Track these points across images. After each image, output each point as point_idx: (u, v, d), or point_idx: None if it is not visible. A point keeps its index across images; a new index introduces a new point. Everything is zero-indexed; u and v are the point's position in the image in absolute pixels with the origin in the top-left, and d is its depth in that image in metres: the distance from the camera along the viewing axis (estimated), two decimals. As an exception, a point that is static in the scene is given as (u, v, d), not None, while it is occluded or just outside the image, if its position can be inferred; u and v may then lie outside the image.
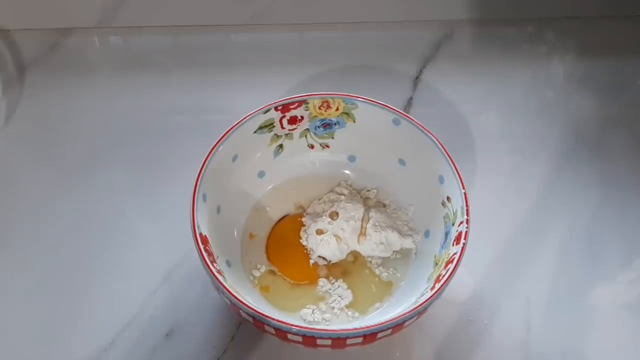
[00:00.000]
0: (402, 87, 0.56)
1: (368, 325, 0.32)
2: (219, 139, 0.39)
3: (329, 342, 0.33)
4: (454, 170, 0.38)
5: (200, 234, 0.36)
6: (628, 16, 0.60)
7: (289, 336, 0.33)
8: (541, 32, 0.60)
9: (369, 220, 0.42)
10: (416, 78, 0.56)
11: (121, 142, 0.52)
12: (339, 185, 0.45)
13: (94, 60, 0.59)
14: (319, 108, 0.42)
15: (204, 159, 0.38)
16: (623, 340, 0.42)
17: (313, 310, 0.39)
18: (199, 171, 0.38)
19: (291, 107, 0.42)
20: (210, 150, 0.39)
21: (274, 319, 0.32)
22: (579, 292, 0.43)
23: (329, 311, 0.40)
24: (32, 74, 0.57)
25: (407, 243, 0.42)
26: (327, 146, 0.45)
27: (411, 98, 0.55)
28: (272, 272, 0.42)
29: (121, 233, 0.46)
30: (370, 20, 0.61)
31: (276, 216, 0.44)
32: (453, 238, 0.37)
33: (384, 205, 0.44)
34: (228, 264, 0.40)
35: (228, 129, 0.40)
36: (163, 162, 0.50)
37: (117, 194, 0.49)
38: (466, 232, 0.35)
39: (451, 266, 0.34)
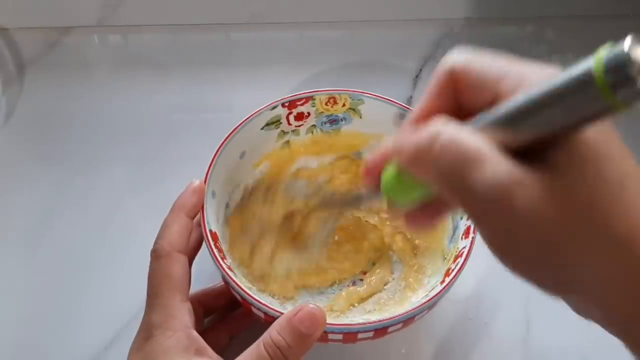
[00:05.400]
0: (402, 86, 0.56)
1: (379, 319, 0.32)
2: (227, 135, 0.39)
3: (340, 336, 0.33)
4: None
5: (211, 231, 0.36)
6: (628, 15, 0.60)
7: None
8: (541, 31, 0.60)
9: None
10: (416, 77, 0.56)
11: (121, 141, 0.52)
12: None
13: (94, 59, 0.59)
14: (326, 104, 0.42)
15: (213, 155, 0.38)
16: (623, 338, 0.42)
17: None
18: (207, 168, 0.38)
19: (298, 103, 0.42)
20: (218, 147, 0.39)
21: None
22: (578, 291, 0.44)
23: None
24: (32, 73, 0.57)
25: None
26: None
27: (411, 97, 0.55)
28: None
29: (121, 231, 0.46)
30: (370, 19, 0.61)
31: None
32: (462, 232, 0.37)
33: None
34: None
35: (236, 125, 0.40)
36: (163, 160, 0.50)
37: (117, 192, 0.49)
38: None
39: (460, 260, 0.34)
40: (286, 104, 0.41)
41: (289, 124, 0.43)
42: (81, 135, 0.52)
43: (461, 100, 0.24)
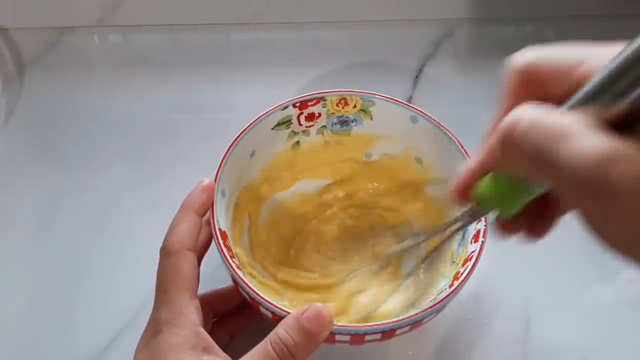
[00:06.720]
0: (402, 86, 0.56)
1: (387, 322, 0.32)
2: (238, 134, 0.39)
3: (347, 338, 0.33)
4: None
5: (220, 230, 0.36)
6: (628, 15, 0.60)
7: None
8: (541, 31, 0.60)
9: None
10: (416, 77, 0.56)
11: (121, 140, 0.52)
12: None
13: (94, 59, 0.59)
14: (337, 105, 0.42)
15: (223, 154, 0.38)
16: (622, 338, 0.42)
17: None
18: (218, 167, 0.38)
19: (309, 103, 0.42)
20: (229, 145, 0.39)
21: None
22: (578, 291, 0.44)
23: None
24: (32, 73, 0.56)
25: None
26: None
27: (411, 97, 0.55)
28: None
29: (121, 231, 0.46)
30: (370, 19, 0.61)
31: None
32: (471, 236, 0.37)
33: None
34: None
35: (247, 125, 0.40)
36: (163, 160, 0.50)
37: (117, 192, 0.49)
38: (485, 230, 0.35)
39: (470, 264, 0.34)
40: (297, 105, 0.41)
41: (300, 124, 0.42)
42: (81, 135, 0.52)
43: (540, 98, 0.23)
